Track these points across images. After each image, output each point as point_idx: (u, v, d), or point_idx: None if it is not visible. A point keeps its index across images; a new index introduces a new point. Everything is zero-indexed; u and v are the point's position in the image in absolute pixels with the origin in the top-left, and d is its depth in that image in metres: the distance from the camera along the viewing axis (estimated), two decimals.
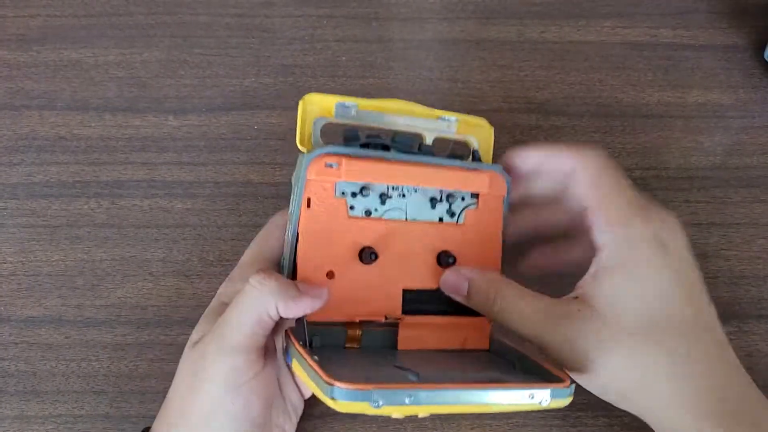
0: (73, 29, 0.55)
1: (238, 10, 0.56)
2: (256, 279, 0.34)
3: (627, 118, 0.53)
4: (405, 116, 0.39)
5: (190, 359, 0.36)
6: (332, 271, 0.36)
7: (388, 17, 0.56)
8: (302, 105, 0.38)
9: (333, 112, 0.38)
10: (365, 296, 0.37)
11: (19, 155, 0.51)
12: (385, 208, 0.38)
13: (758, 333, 0.46)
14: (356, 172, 0.36)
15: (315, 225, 0.36)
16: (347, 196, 0.37)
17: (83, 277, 0.47)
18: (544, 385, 0.31)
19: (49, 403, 0.44)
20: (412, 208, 0.38)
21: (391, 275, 0.38)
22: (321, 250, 0.36)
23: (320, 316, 0.36)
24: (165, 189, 0.50)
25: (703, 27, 0.57)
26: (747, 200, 0.50)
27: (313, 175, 0.35)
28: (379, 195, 0.37)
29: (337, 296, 0.36)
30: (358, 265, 0.37)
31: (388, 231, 0.38)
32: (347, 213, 0.37)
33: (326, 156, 0.35)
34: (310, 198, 0.36)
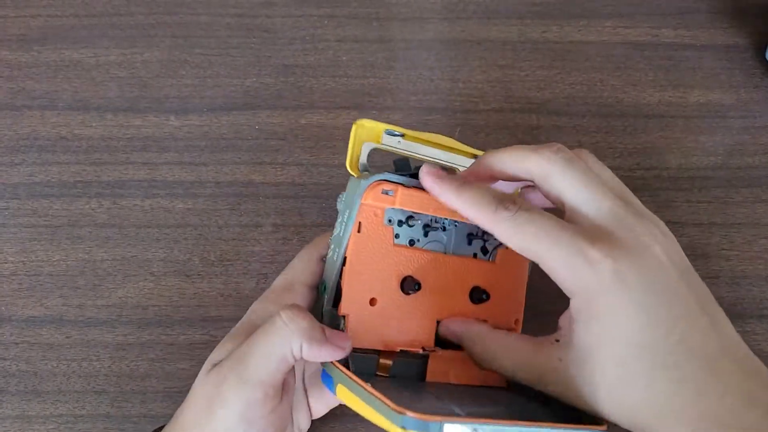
0: (74, 29, 0.55)
1: (238, 10, 0.56)
2: (287, 315, 0.33)
3: (628, 118, 0.53)
4: (445, 152, 0.40)
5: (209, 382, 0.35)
6: (375, 299, 0.37)
7: (389, 17, 0.56)
8: (355, 129, 0.38)
9: (381, 138, 0.39)
10: (403, 326, 0.37)
11: (21, 155, 0.51)
12: (427, 239, 0.38)
13: (760, 333, 0.46)
14: (410, 200, 0.36)
15: (362, 250, 0.36)
16: (394, 224, 0.37)
17: (84, 276, 0.47)
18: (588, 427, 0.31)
19: (50, 403, 0.44)
20: (451, 242, 0.39)
21: (428, 307, 0.38)
22: (366, 276, 0.36)
23: (361, 342, 0.36)
24: (166, 189, 0.50)
25: (704, 27, 0.57)
26: (748, 200, 0.50)
27: (370, 200, 0.36)
28: (423, 226, 0.38)
29: (378, 324, 0.37)
30: (399, 294, 0.37)
31: (428, 262, 0.38)
32: (393, 241, 0.37)
33: (383, 183, 0.36)
34: (361, 222, 0.36)
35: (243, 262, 0.48)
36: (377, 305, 0.37)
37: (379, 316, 0.37)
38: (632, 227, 0.31)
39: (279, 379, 0.34)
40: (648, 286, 0.30)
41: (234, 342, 0.36)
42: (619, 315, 0.30)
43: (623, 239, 0.31)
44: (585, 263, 0.30)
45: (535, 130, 0.52)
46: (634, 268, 0.30)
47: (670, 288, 0.31)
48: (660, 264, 0.31)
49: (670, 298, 0.30)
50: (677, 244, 0.33)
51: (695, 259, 0.48)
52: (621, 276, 0.30)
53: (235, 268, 0.47)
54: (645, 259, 0.31)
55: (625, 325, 0.30)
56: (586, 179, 0.32)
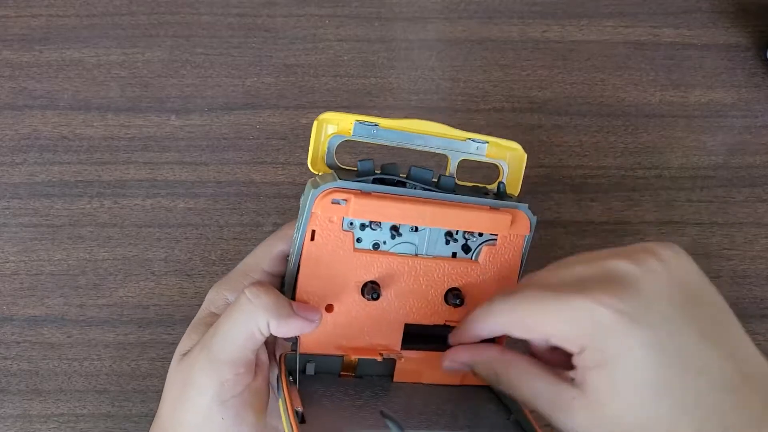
0: (75, 29, 0.55)
1: (240, 10, 0.56)
2: (252, 292, 0.33)
3: (629, 118, 0.53)
4: (431, 137, 0.37)
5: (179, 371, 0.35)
6: (332, 305, 0.35)
7: (391, 17, 0.56)
8: (316, 125, 0.36)
9: (351, 130, 0.36)
10: (364, 331, 0.36)
11: (22, 155, 0.51)
12: (395, 242, 0.36)
13: (761, 332, 0.46)
14: (365, 210, 0.33)
15: (318, 257, 0.34)
16: (355, 228, 0.35)
17: (85, 276, 0.47)
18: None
19: (52, 402, 0.44)
20: (424, 243, 0.36)
21: (394, 310, 0.36)
22: (322, 282, 0.35)
23: (315, 348, 0.35)
24: (167, 189, 0.50)
25: (705, 26, 0.57)
26: (750, 200, 0.50)
27: (319, 210, 0.33)
28: (389, 228, 0.35)
29: (334, 330, 0.35)
30: (360, 299, 0.35)
31: (395, 266, 0.36)
32: (353, 246, 0.35)
33: (334, 191, 0.33)
34: (314, 230, 0.34)
35: None
36: (334, 312, 0.35)
37: (335, 322, 0.35)
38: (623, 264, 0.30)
39: (249, 357, 0.34)
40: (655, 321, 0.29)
41: (197, 332, 0.36)
42: (629, 358, 0.28)
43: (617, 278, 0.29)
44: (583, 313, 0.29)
45: (537, 129, 0.52)
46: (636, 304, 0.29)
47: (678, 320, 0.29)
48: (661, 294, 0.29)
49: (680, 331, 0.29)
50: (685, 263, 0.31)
51: (696, 259, 0.48)
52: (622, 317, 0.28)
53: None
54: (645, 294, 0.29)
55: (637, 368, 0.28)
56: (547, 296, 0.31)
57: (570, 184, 0.51)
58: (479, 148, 0.37)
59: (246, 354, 0.33)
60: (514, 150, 0.38)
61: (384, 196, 0.34)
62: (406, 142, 0.37)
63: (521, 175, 0.38)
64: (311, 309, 0.34)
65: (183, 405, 0.34)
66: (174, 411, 0.34)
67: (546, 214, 0.49)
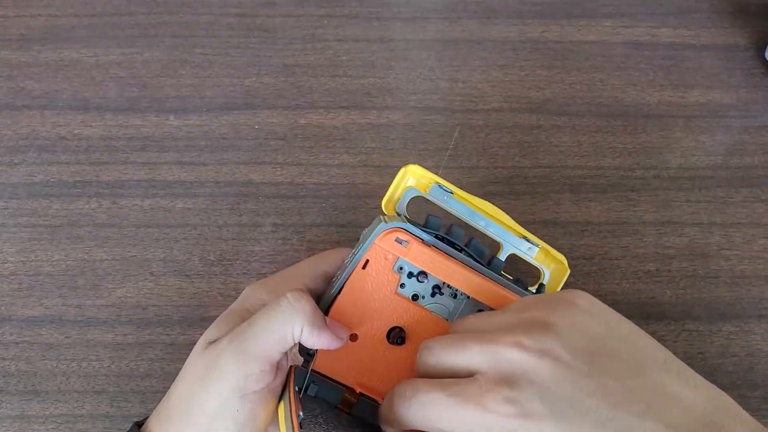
0: (74, 29, 0.55)
1: (239, 10, 0.56)
2: (293, 296, 0.34)
3: (628, 118, 0.53)
4: (492, 222, 0.40)
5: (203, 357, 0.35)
6: (356, 335, 0.37)
7: (389, 17, 0.56)
8: (402, 172, 0.38)
9: (428, 189, 0.39)
10: (377, 372, 0.37)
11: (20, 155, 0.51)
12: (433, 300, 0.37)
13: (759, 333, 0.46)
14: (420, 257, 0.36)
15: (362, 287, 0.36)
16: (403, 273, 0.37)
17: (84, 276, 0.47)
18: None
19: (50, 403, 0.44)
20: (457, 312, 0.38)
21: (408, 364, 0.38)
22: (356, 311, 0.36)
23: (327, 369, 0.36)
24: (166, 189, 0.50)
25: (704, 27, 0.57)
26: (748, 200, 0.50)
27: (381, 243, 0.36)
28: (432, 285, 0.37)
29: (350, 360, 0.37)
30: (383, 341, 0.37)
31: (424, 321, 0.37)
32: (396, 289, 0.37)
33: (400, 231, 0.35)
34: (368, 260, 0.36)
35: (243, 261, 0.48)
36: (357, 343, 0.37)
37: (353, 352, 0.37)
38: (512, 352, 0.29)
39: (276, 357, 0.34)
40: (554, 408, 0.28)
41: (228, 323, 0.36)
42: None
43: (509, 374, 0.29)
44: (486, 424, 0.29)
45: (535, 129, 0.52)
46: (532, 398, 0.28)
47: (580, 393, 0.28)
48: (556, 374, 0.29)
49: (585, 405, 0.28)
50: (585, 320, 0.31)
51: (694, 259, 0.48)
52: (523, 417, 0.28)
53: (235, 267, 0.47)
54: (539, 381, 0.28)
55: None
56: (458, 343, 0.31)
57: (569, 184, 0.51)
58: (530, 249, 0.40)
59: (274, 353, 0.34)
60: (560, 263, 0.41)
61: (441, 253, 0.36)
62: (471, 219, 0.39)
63: (560, 286, 0.40)
64: (341, 328, 0.36)
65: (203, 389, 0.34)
66: (192, 393, 0.35)
67: (544, 214, 0.49)
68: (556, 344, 0.29)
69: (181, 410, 0.35)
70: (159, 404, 0.37)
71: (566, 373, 0.29)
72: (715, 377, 0.44)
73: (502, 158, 0.51)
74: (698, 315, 0.47)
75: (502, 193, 0.50)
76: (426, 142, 0.51)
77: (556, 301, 0.32)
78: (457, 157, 0.51)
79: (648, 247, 0.49)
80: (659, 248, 0.49)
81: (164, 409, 0.36)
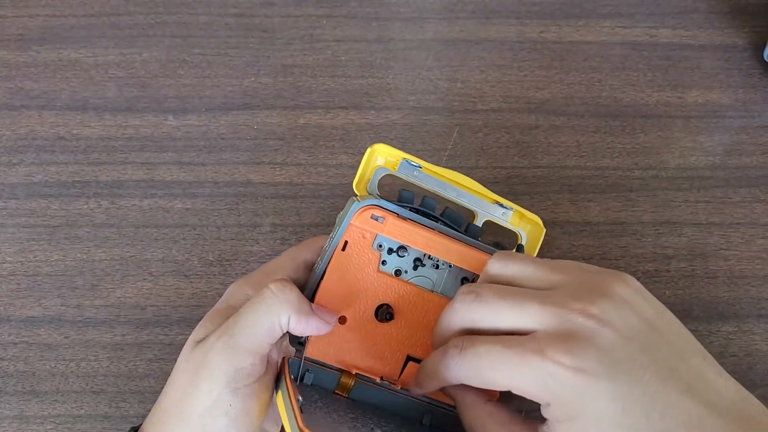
0: (72, 29, 0.55)
1: (237, 10, 0.56)
2: (277, 286, 0.34)
3: (627, 118, 0.53)
4: (464, 191, 0.39)
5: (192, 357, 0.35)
6: (345, 317, 0.37)
7: (388, 17, 0.56)
8: (369, 152, 0.38)
9: (397, 166, 0.38)
10: (369, 351, 0.37)
11: (19, 155, 0.51)
12: (416, 273, 0.38)
13: (758, 332, 0.46)
14: (398, 231, 0.36)
15: (344, 269, 0.36)
16: (383, 251, 0.37)
17: (82, 277, 0.47)
18: None
19: (48, 403, 0.44)
20: (441, 282, 0.38)
21: (400, 339, 0.38)
22: (341, 293, 0.37)
23: (320, 354, 0.37)
24: (164, 189, 0.50)
25: (702, 27, 0.57)
26: (747, 200, 0.50)
27: (357, 222, 0.36)
28: (413, 259, 0.38)
29: (341, 342, 0.37)
30: (372, 319, 0.37)
31: (410, 296, 0.38)
32: (378, 267, 0.37)
33: (375, 208, 0.36)
34: (347, 242, 0.36)
35: (241, 262, 0.48)
36: (346, 325, 0.37)
37: (344, 335, 0.37)
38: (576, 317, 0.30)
39: (266, 349, 0.34)
40: (610, 370, 0.29)
41: (214, 321, 0.36)
42: (593, 411, 0.29)
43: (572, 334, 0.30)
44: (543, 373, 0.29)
45: (534, 130, 0.52)
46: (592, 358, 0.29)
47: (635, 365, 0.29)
48: (617, 342, 0.30)
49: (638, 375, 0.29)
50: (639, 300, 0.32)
51: (693, 259, 0.48)
52: (582, 375, 0.29)
53: (234, 268, 0.47)
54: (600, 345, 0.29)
55: (601, 419, 0.29)
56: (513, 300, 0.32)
57: (567, 184, 0.51)
58: (504, 214, 0.40)
59: (264, 345, 0.34)
60: (535, 224, 0.40)
61: (418, 224, 0.36)
62: (442, 190, 0.39)
63: (538, 246, 0.40)
64: (328, 312, 0.36)
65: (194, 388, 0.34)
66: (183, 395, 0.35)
67: (543, 214, 0.49)
68: (617, 316, 0.30)
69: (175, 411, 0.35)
70: (153, 407, 0.37)
71: (625, 344, 0.30)
72: None
73: (501, 158, 0.51)
74: (697, 315, 0.47)
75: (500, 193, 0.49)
76: (425, 142, 0.51)
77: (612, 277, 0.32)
78: (456, 157, 0.51)
79: (647, 247, 0.49)
80: (658, 248, 0.49)
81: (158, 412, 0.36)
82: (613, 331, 0.30)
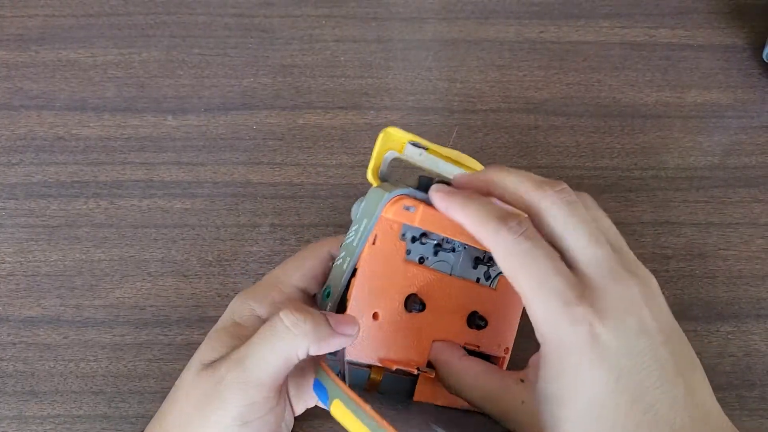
0: (71, 29, 0.55)
1: (236, 10, 0.56)
2: (290, 320, 0.33)
3: (626, 118, 0.53)
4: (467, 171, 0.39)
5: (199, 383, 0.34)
6: (377, 313, 0.36)
7: (387, 17, 0.56)
8: (382, 136, 0.37)
9: (403, 149, 0.37)
10: (402, 343, 0.37)
11: (18, 155, 0.51)
12: (437, 258, 0.37)
13: (757, 333, 0.46)
14: (430, 220, 0.35)
15: (374, 263, 0.35)
16: (407, 240, 0.36)
17: (82, 277, 0.47)
18: None
19: (48, 404, 0.44)
20: (458, 264, 0.38)
21: (426, 326, 0.37)
22: (373, 289, 0.36)
23: (358, 355, 0.36)
24: (164, 189, 0.50)
25: (701, 27, 0.57)
26: (746, 200, 0.50)
27: (390, 214, 0.34)
28: (434, 245, 0.37)
29: (377, 339, 0.36)
30: (402, 310, 0.37)
31: (433, 281, 0.37)
32: (404, 256, 0.36)
33: (405, 198, 0.34)
34: (377, 235, 0.35)
35: (241, 262, 0.47)
36: (379, 320, 0.36)
37: (379, 331, 0.36)
38: (623, 286, 0.30)
39: (280, 381, 0.33)
40: (625, 352, 0.29)
41: (223, 342, 0.35)
42: (587, 375, 0.29)
43: (610, 299, 0.30)
44: (566, 318, 0.29)
45: (533, 130, 0.52)
46: (615, 332, 0.29)
47: (648, 355, 0.29)
48: (644, 329, 0.30)
49: (646, 366, 0.29)
50: (664, 303, 0.32)
51: (692, 259, 0.48)
52: (599, 339, 0.29)
53: (233, 268, 0.47)
54: (628, 324, 0.29)
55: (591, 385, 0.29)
56: (584, 226, 0.31)
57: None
58: None
59: (279, 378, 0.33)
60: None
61: None
62: (447, 171, 0.38)
63: None
64: (350, 323, 0.34)
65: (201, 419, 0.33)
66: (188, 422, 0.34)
67: None
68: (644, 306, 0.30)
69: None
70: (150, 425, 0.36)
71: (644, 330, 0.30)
72: (713, 377, 0.44)
73: (500, 159, 0.51)
74: (696, 315, 0.47)
75: None
76: None
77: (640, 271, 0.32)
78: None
79: (646, 248, 0.49)
80: (657, 248, 0.49)
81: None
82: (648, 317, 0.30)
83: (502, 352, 0.40)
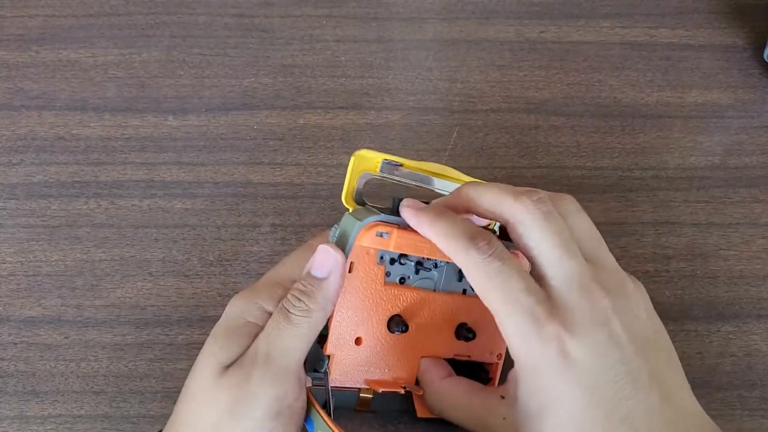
0: (72, 29, 0.55)
1: (237, 10, 0.56)
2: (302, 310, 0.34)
3: (626, 118, 0.53)
4: (447, 181, 0.39)
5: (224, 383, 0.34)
6: (360, 338, 0.36)
7: (388, 17, 0.56)
8: (353, 160, 0.37)
9: (378, 168, 0.37)
10: (387, 364, 0.37)
11: (19, 155, 0.51)
12: (418, 277, 0.37)
13: (757, 333, 0.46)
14: (405, 243, 0.35)
15: (352, 290, 0.36)
16: (386, 262, 0.36)
17: (82, 277, 0.47)
18: None
19: (49, 404, 0.44)
20: (441, 279, 0.38)
21: (413, 344, 0.38)
22: (354, 315, 0.36)
23: (343, 380, 0.36)
24: (164, 189, 0.50)
25: (702, 27, 0.57)
26: (746, 200, 0.50)
27: (364, 242, 0.34)
28: (415, 263, 0.37)
29: (362, 363, 0.36)
30: (385, 332, 0.37)
31: (416, 300, 0.37)
32: (383, 280, 0.36)
33: (378, 224, 0.34)
34: (353, 263, 0.35)
35: (241, 262, 0.48)
36: (362, 345, 0.36)
37: (363, 355, 0.36)
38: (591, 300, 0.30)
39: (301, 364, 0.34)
40: (596, 366, 0.29)
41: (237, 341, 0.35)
42: (561, 392, 0.29)
43: (579, 314, 0.30)
44: (537, 337, 0.29)
45: (533, 130, 0.52)
46: (585, 347, 0.29)
47: (620, 367, 0.29)
48: (614, 342, 0.30)
49: (619, 378, 0.29)
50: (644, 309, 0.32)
51: (693, 259, 0.48)
52: (569, 356, 0.29)
53: (234, 268, 0.47)
54: (598, 338, 0.30)
55: (566, 401, 0.29)
56: (558, 239, 0.31)
57: (567, 184, 0.51)
58: None
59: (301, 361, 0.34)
60: None
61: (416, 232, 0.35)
62: (426, 184, 0.38)
63: None
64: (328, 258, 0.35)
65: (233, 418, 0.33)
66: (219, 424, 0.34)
67: None
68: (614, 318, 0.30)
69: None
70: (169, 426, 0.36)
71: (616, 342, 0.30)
72: (714, 377, 0.44)
73: (501, 159, 0.51)
74: (696, 315, 0.47)
75: None
76: (424, 143, 0.51)
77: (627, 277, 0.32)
78: (456, 157, 0.51)
79: (646, 248, 0.49)
80: (657, 248, 0.49)
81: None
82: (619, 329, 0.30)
83: (495, 358, 0.40)
